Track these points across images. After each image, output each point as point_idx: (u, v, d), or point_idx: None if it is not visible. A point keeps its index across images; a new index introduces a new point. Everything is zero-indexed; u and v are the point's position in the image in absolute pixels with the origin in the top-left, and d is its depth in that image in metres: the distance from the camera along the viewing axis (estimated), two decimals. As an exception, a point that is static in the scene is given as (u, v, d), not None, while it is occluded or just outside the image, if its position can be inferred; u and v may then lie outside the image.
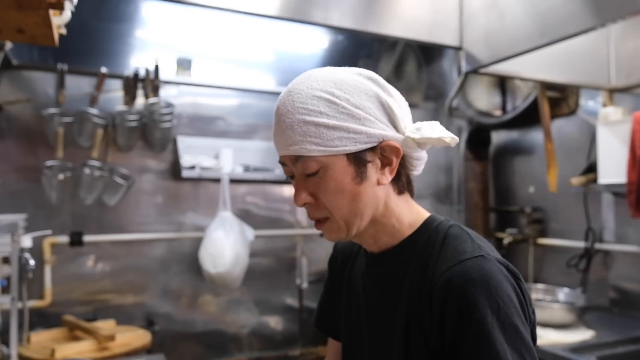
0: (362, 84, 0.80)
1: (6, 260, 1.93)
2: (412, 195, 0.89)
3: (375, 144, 0.79)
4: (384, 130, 0.80)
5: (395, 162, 0.81)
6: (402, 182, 0.86)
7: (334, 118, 0.77)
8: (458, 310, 0.73)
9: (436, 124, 0.84)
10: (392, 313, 0.85)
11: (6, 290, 1.92)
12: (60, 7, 0.99)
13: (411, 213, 0.87)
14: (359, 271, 0.95)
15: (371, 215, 0.83)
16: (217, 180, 2.79)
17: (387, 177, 0.82)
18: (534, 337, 0.79)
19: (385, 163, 0.81)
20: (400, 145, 0.81)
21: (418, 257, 0.83)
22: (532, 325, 0.80)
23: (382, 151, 0.80)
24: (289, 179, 0.85)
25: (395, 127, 0.81)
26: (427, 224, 0.86)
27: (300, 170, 0.81)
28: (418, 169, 0.87)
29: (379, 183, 0.82)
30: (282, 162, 0.85)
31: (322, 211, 0.82)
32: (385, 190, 0.84)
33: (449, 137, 0.82)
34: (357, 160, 0.79)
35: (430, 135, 0.81)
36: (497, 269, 0.75)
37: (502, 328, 0.71)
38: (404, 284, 0.84)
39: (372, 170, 0.81)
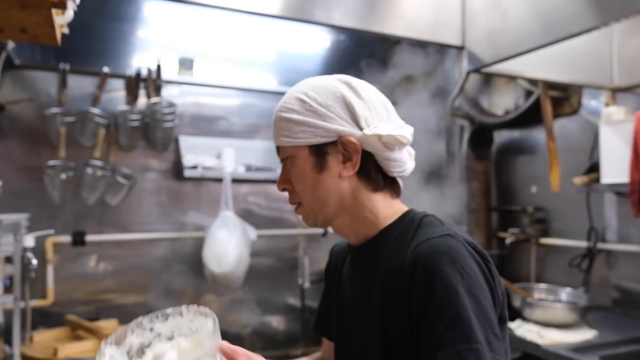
0: (333, 87, 0.91)
1: (9, 259, 1.93)
2: (396, 195, 0.95)
3: (334, 139, 0.88)
4: (342, 127, 0.88)
5: (355, 157, 0.88)
6: (376, 180, 0.92)
7: (301, 114, 0.89)
8: (424, 280, 0.78)
9: (402, 124, 0.92)
10: (370, 300, 0.89)
11: (9, 289, 1.93)
12: (62, 6, 0.99)
13: (389, 207, 0.93)
14: (347, 268, 1.01)
15: (337, 205, 0.91)
16: (219, 180, 2.79)
17: (349, 170, 0.89)
18: (503, 318, 0.83)
19: (347, 158, 0.89)
20: (358, 141, 0.88)
21: (392, 244, 0.89)
22: (502, 306, 0.83)
23: (344, 147, 0.88)
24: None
25: (357, 124, 0.89)
26: (403, 216, 0.93)
27: (280, 158, 0.94)
28: (395, 170, 0.92)
29: (340, 176, 0.90)
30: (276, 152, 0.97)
31: (296, 197, 0.94)
32: (352, 184, 0.91)
33: (402, 135, 0.88)
34: (318, 151, 0.89)
35: (380, 132, 0.87)
36: (462, 246, 0.80)
37: (466, 296, 0.75)
38: (378, 271, 0.89)
39: (334, 163, 0.89)
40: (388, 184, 0.93)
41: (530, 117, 2.77)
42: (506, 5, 1.82)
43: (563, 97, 2.65)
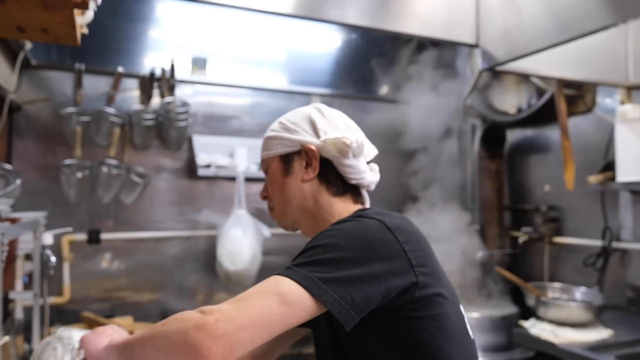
0: (306, 110, 1.07)
1: (28, 257, 1.96)
2: (358, 202, 1.06)
3: (298, 148, 1.03)
4: (304, 137, 1.03)
5: (314, 162, 1.02)
6: (335, 185, 1.03)
7: (276, 132, 1.05)
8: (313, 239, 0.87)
9: (349, 131, 1.05)
10: None
11: (28, 286, 1.95)
12: (85, 6, 1.01)
13: (345, 209, 1.03)
14: None
15: (300, 206, 1.04)
16: (231, 179, 2.80)
17: (310, 174, 1.02)
18: (423, 283, 0.86)
19: (308, 164, 1.03)
20: (316, 148, 1.01)
21: None
22: (420, 285, 0.85)
23: (306, 154, 1.02)
24: None
25: (317, 135, 1.03)
26: (353, 214, 0.99)
27: (263, 171, 1.10)
28: (353, 177, 1.02)
29: (303, 179, 1.03)
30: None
31: (270, 202, 1.09)
32: (314, 188, 1.03)
33: (344, 137, 0.99)
34: (285, 159, 1.05)
35: (328, 137, 1.00)
36: (366, 221, 0.88)
37: (334, 245, 0.82)
38: None
39: (298, 168, 1.04)
40: (348, 190, 1.04)
41: (543, 115, 2.76)
42: (521, 3, 1.81)
43: (577, 95, 2.63)
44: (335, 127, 1.05)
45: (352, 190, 1.05)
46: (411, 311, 0.85)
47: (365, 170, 1.04)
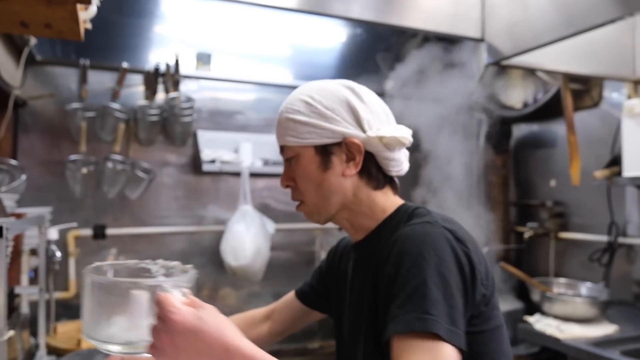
0: (338, 91, 0.96)
1: (34, 252, 1.97)
2: (396, 190, 1.01)
3: (339, 140, 0.94)
4: (347, 129, 0.93)
5: (358, 157, 0.94)
6: (377, 178, 0.97)
7: (307, 116, 0.94)
8: (395, 260, 0.82)
9: (401, 127, 0.97)
10: (364, 294, 0.93)
11: (34, 281, 1.97)
12: (87, 1, 1.01)
13: (384, 202, 0.98)
14: (351, 265, 1.05)
15: (340, 202, 0.97)
16: (236, 174, 2.80)
17: (352, 169, 0.95)
18: (487, 301, 0.84)
19: (350, 158, 0.95)
20: (361, 142, 0.93)
21: (386, 238, 0.92)
22: (489, 292, 0.84)
23: (348, 147, 0.94)
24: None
25: (361, 127, 0.94)
26: (398, 209, 0.98)
27: (284, 157, 1.00)
28: (393, 169, 0.98)
29: (344, 175, 0.95)
30: (279, 152, 1.02)
31: (298, 194, 0.99)
32: (354, 183, 0.96)
33: (404, 137, 0.94)
34: (323, 151, 0.95)
35: (385, 134, 0.93)
36: (440, 232, 0.83)
37: (431, 273, 0.77)
38: (372, 265, 0.93)
39: (337, 163, 0.95)
40: (387, 182, 0.99)
41: (549, 110, 2.74)
42: (527, -3, 1.79)
43: (584, 90, 2.61)
44: (377, 115, 0.96)
45: (391, 182, 1.00)
46: (474, 326, 0.83)
47: (405, 160, 1.00)
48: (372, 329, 0.88)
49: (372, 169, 0.97)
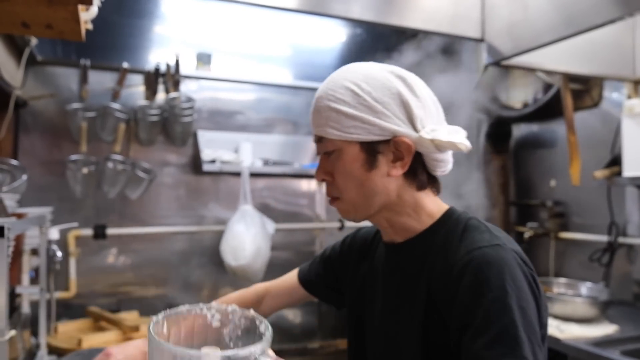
0: (389, 81, 0.86)
1: (35, 252, 1.98)
2: (437, 192, 0.95)
3: (388, 138, 0.85)
4: (398, 127, 0.85)
5: (407, 157, 0.86)
6: (421, 179, 0.91)
7: (354, 108, 0.84)
8: (473, 290, 0.76)
9: (457, 129, 0.89)
10: (410, 301, 0.88)
11: (35, 281, 1.97)
12: (89, 2, 1.01)
13: (431, 205, 0.92)
14: (380, 262, 0.99)
15: (382, 203, 0.89)
16: (237, 174, 2.81)
17: (398, 170, 0.87)
18: (544, 324, 0.81)
19: (397, 157, 0.87)
20: (412, 143, 0.85)
21: (438, 246, 0.87)
22: (545, 317, 0.82)
23: (396, 146, 0.86)
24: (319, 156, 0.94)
25: (413, 125, 0.86)
26: (446, 216, 0.91)
27: (322, 150, 0.91)
28: (439, 170, 0.92)
29: (389, 175, 0.87)
30: (315, 140, 0.93)
31: (336, 190, 0.91)
32: (398, 183, 0.89)
33: (461, 143, 0.86)
34: (369, 149, 0.86)
35: (441, 138, 0.85)
36: (512, 257, 0.79)
37: (515, 309, 0.73)
38: (423, 272, 0.87)
39: (383, 162, 0.87)
40: (431, 182, 0.93)
41: (549, 110, 2.74)
42: (527, -3, 1.80)
43: (584, 90, 2.62)
44: (429, 112, 0.88)
45: (433, 181, 0.94)
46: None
47: (451, 159, 0.93)
48: (419, 338, 0.84)
49: (419, 169, 0.90)
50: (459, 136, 0.87)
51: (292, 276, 1.20)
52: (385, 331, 0.94)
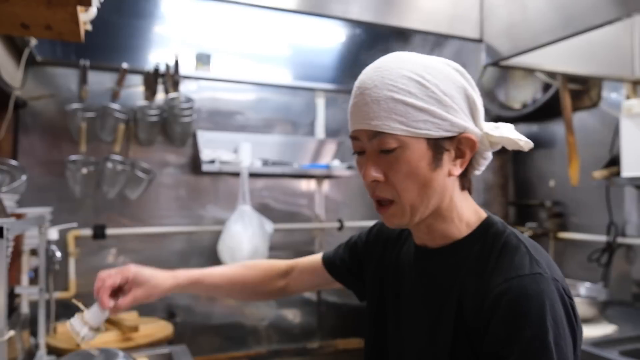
0: (450, 74, 0.81)
1: (34, 252, 1.98)
2: (470, 193, 0.91)
3: (455, 134, 0.80)
4: (466, 123, 0.81)
5: (469, 155, 0.82)
6: (467, 179, 0.87)
7: (422, 100, 0.77)
8: (510, 322, 0.73)
9: (511, 126, 0.86)
10: (437, 311, 0.85)
11: (34, 281, 1.97)
12: (88, 3, 1.01)
13: (469, 210, 0.87)
14: (407, 260, 0.96)
15: (436, 205, 0.83)
16: (236, 174, 2.81)
17: (458, 169, 0.82)
18: (577, 356, 0.79)
19: (459, 155, 0.82)
20: (477, 139, 0.82)
21: (473, 261, 0.82)
22: (579, 348, 0.80)
23: (459, 143, 0.81)
24: (355, 154, 0.86)
25: (475, 122, 0.83)
26: (484, 227, 0.86)
27: (376, 147, 0.80)
28: (481, 168, 0.88)
29: (449, 174, 0.82)
30: (354, 137, 0.84)
31: (390, 192, 0.81)
32: (453, 183, 0.84)
33: (524, 141, 0.83)
34: (436, 146, 0.79)
35: (508, 135, 0.82)
36: (553, 288, 0.75)
37: (553, 349, 0.71)
38: (454, 285, 0.83)
39: (447, 160, 0.81)
40: (468, 181, 0.88)
41: (548, 110, 2.74)
42: (525, -2, 1.80)
43: (582, 90, 2.62)
44: (481, 107, 0.85)
45: (469, 181, 0.88)
46: None
47: (491, 157, 0.89)
48: (451, 354, 0.81)
49: (469, 168, 0.85)
50: (518, 133, 0.84)
51: (317, 258, 1.17)
52: (411, 338, 0.91)
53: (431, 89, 0.78)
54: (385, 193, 0.82)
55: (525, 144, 0.83)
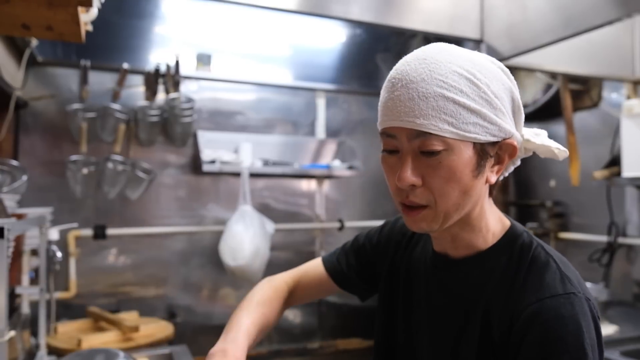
0: (498, 74, 0.75)
1: (35, 252, 1.98)
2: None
3: (500, 139, 0.74)
4: (512, 128, 0.75)
5: (507, 162, 0.78)
6: (495, 185, 0.82)
7: (473, 101, 0.70)
8: (545, 345, 0.70)
9: (546, 133, 0.83)
10: (461, 323, 0.81)
11: (34, 281, 1.97)
12: (88, 3, 1.02)
13: (495, 218, 0.83)
14: (421, 267, 0.91)
15: (469, 212, 0.78)
16: (236, 175, 2.81)
17: (494, 176, 0.77)
18: None
19: (497, 161, 0.77)
20: (518, 146, 0.77)
21: (499, 275, 0.79)
22: None
23: (499, 149, 0.76)
24: (385, 152, 0.78)
25: (517, 126, 0.78)
26: (509, 238, 0.82)
27: (416, 148, 0.73)
28: (506, 174, 0.84)
29: (487, 181, 0.77)
30: (390, 134, 0.75)
31: (426, 197, 0.74)
32: (485, 191, 0.79)
33: (561, 150, 0.81)
34: (482, 151, 0.74)
35: (549, 143, 0.79)
36: (587, 309, 0.72)
37: None
38: (480, 300, 0.79)
39: (487, 167, 0.76)
40: (495, 188, 0.83)
41: (549, 110, 2.74)
42: (526, -2, 1.80)
43: (583, 90, 2.62)
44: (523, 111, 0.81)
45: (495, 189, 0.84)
46: None
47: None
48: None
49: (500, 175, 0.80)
50: (553, 141, 0.80)
51: (319, 270, 1.07)
52: (427, 348, 0.87)
53: (483, 89, 0.71)
54: (420, 199, 0.75)
55: (560, 152, 0.80)
